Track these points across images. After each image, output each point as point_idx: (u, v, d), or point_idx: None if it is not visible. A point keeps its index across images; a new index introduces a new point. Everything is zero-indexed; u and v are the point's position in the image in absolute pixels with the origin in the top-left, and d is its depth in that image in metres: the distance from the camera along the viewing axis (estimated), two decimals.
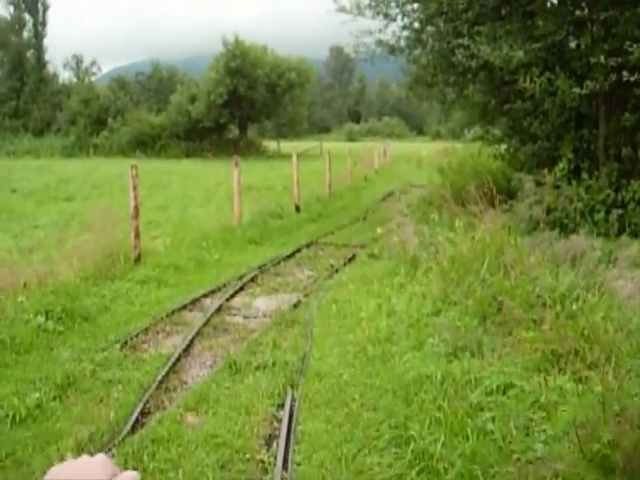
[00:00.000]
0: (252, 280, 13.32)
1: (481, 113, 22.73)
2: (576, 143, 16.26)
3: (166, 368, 8.35)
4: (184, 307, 11.24)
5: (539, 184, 16.24)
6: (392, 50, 20.91)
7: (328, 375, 7.90)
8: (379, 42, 20.70)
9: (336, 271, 14.21)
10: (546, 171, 15.92)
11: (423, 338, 8.17)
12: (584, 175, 15.19)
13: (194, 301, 11.63)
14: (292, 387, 7.75)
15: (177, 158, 58.37)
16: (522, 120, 17.78)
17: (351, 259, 15.52)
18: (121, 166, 46.64)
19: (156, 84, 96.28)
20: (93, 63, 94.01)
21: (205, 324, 10.28)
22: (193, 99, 65.01)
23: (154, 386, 7.79)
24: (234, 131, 71.05)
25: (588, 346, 6.80)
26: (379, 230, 15.43)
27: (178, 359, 8.81)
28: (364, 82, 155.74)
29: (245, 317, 10.99)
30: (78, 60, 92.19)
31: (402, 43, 20.97)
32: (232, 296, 12.07)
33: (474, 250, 10.58)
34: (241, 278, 13.34)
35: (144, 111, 73.18)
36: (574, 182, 15.17)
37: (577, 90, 13.38)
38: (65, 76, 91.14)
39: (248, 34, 66.44)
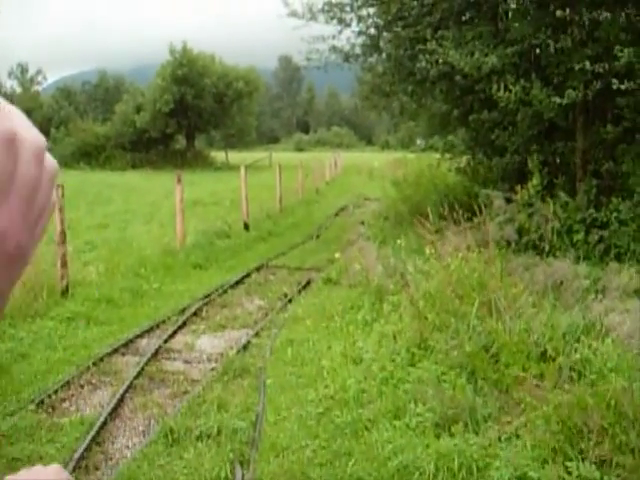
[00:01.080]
0: (195, 314, 11.77)
1: (441, 124, 21.45)
2: (549, 157, 14.99)
3: (88, 439, 6.78)
4: (115, 351, 9.65)
5: (508, 201, 14.95)
6: (346, 57, 19.61)
7: (287, 449, 6.40)
8: (333, 49, 19.37)
9: (290, 301, 12.74)
10: (519, 187, 14.63)
11: (402, 403, 6.67)
12: (560, 192, 13.89)
13: (127, 343, 10.03)
14: (242, 465, 6.26)
15: (122, 170, 56.52)
16: (488, 132, 16.49)
17: (306, 285, 14.06)
18: (62, 179, 44.79)
19: (103, 93, 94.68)
20: (39, 72, 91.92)
21: (139, 374, 8.75)
22: (139, 108, 63.19)
23: (71, 466, 6.23)
24: (181, 141, 69.28)
25: (615, 420, 5.40)
26: (337, 255, 13.96)
27: (104, 424, 7.26)
28: (313, 92, 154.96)
29: (186, 362, 9.46)
30: (23, 69, 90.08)
31: (357, 50, 19.66)
32: (172, 335, 10.50)
33: (451, 283, 9.19)
34: (183, 312, 11.79)
35: (89, 121, 71.38)
36: (549, 200, 13.87)
37: (557, 100, 12.05)
38: (9, 85, 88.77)
39: (196, 43, 65.06)
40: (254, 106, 72.75)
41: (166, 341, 10.16)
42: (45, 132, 3.79)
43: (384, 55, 19.65)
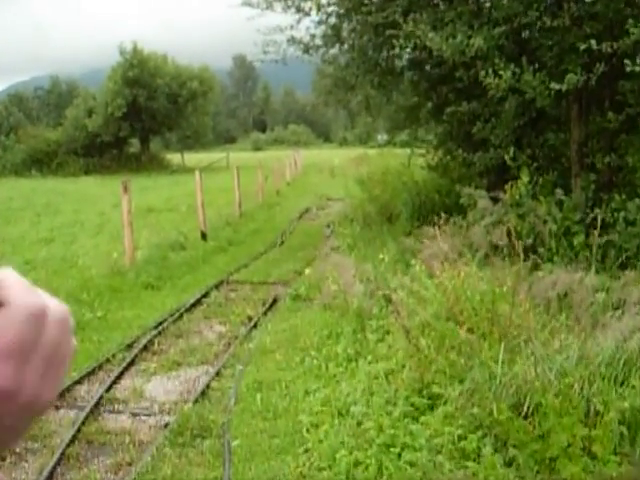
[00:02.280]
0: (145, 348, 10.07)
1: (408, 117, 19.93)
2: (538, 151, 13.48)
3: None
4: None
5: (494, 201, 13.43)
6: (306, 49, 18.03)
7: None
8: (291, 40, 17.78)
9: (255, 326, 11.09)
10: (504, 185, 13.14)
11: None
12: (553, 189, 12.38)
13: (63, 392, 8.29)
14: None
15: (75, 176, 54.40)
16: (465, 125, 14.98)
17: (272, 304, 12.45)
18: (11, 188, 43.09)
19: (55, 99, 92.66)
20: None
21: (74, 437, 7.06)
22: (90, 112, 61.12)
23: None
24: (136, 145, 67.28)
25: None
26: (307, 270, 12.27)
27: None
28: (268, 91, 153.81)
29: (134, 416, 7.76)
30: None
31: (318, 41, 18.09)
32: (117, 379, 8.80)
33: (450, 308, 7.63)
34: (131, 346, 10.09)
35: (41, 127, 69.38)
36: (542, 198, 12.34)
37: (555, 86, 10.48)
38: None
39: (149, 44, 63.09)
40: (209, 106, 70.85)
41: (110, 388, 8.47)
42: None
43: (346, 45, 18.13)
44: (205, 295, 13.30)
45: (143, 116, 61.67)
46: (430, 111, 17.37)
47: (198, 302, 12.79)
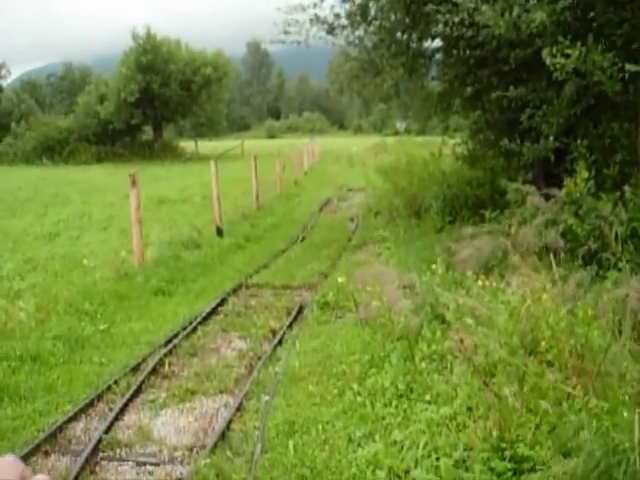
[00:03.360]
0: (154, 370, 8.66)
1: (440, 103, 18.48)
2: (596, 141, 12.02)
3: None
4: (35, 449, 6.54)
5: (547, 198, 12.00)
6: (331, 29, 16.66)
7: None
8: (314, 19, 16.41)
9: (280, 342, 9.65)
10: (568, 181, 11.73)
11: None
12: (621, 186, 10.95)
13: (55, 432, 6.89)
14: None
15: (87, 164, 53.24)
16: (510, 112, 13.56)
17: (298, 314, 11.05)
18: (20, 177, 41.69)
19: (68, 85, 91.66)
20: (2, 66, 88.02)
21: None
22: (102, 99, 59.75)
23: None
24: (149, 132, 65.86)
25: None
26: (340, 279, 10.76)
27: None
28: (283, 78, 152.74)
29: (139, 465, 6.33)
30: None
31: (343, 20, 16.69)
32: (119, 414, 7.39)
33: (523, 336, 6.22)
34: (137, 369, 8.68)
35: (53, 114, 68.22)
36: (604, 196, 10.88)
37: (631, 68, 9.00)
38: None
39: (161, 30, 61.69)
40: (223, 93, 69.47)
41: (110, 426, 7.06)
42: (6, 127, 60.56)
43: (372, 27, 16.69)
44: (222, 302, 11.90)
45: (156, 103, 60.35)
46: (468, 97, 15.94)
47: (214, 311, 11.40)
